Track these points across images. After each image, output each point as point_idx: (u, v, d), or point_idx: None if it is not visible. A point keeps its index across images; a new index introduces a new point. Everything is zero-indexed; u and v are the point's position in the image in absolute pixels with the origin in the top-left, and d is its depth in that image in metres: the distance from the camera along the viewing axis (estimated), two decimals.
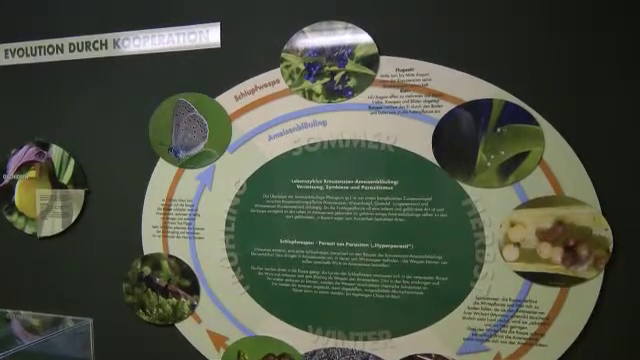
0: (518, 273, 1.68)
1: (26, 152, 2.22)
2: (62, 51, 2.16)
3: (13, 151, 2.23)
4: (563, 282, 1.64)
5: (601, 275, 1.61)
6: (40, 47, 2.19)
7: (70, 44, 2.15)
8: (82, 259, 2.17)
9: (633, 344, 1.62)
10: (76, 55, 2.14)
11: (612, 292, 1.61)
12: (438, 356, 1.77)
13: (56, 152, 2.17)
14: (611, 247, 1.59)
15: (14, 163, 2.23)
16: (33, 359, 1.45)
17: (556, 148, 1.63)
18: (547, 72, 1.65)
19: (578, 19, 1.63)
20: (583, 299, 1.63)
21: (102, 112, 2.11)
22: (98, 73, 2.11)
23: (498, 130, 1.67)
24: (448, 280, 1.74)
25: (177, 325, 2.04)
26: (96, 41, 2.11)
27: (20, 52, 2.22)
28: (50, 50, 2.18)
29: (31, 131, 2.21)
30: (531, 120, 1.64)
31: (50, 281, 2.23)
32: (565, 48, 1.63)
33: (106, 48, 2.10)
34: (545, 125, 1.63)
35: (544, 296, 1.66)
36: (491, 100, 1.68)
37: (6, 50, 2.24)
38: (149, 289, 2.06)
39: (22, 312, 1.63)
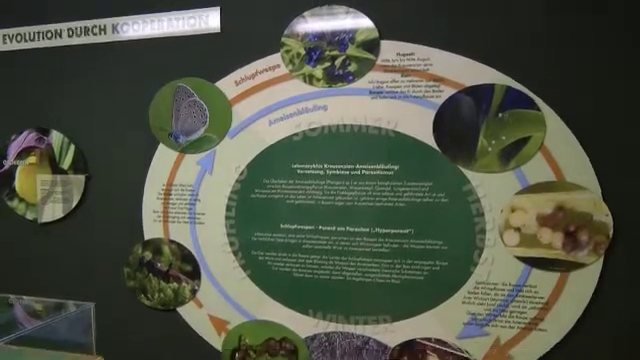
0: (518, 258, 1.68)
1: (26, 138, 2.22)
2: (61, 36, 2.15)
3: (13, 137, 2.23)
4: (563, 267, 1.64)
5: (601, 260, 1.62)
6: (39, 32, 2.18)
7: (69, 29, 2.14)
8: (83, 244, 2.18)
9: (632, 329, 1.63)
10: (75, 40, 2.14)
11: (612, 277, 1.62)
12: (438, 340, 1.78)
13: (56, 138, 2.17)
14: (611, 233, 1.59)
15: (14, 149, 2.23)
16: (36, 343, 1.45)
17: (557, 133, 1.63)
18: (549, 57, 1.64)
19: (578, 3, 1.62)
20: (583, 284, 1.63)
21: (102, 98, 2.11)
22: (97, 58, 2.11)
23: (499, 115, 1.67)
24: (448, 265, 1.75)
25: (178, 310, 2.05)
26: (95, 26, 2.10)
27: (18, 37, 2.21)
28: (49, 35, 2.17)
29: (31, 117, 2.21)
30: (532, 105, 1.64)
31: (51, 266, 2.23)
32: (566, 33, 1.63)
33: (105, 33, 2.09)
34: (546, 110, 1.63)
35: (544, 281, 1.67)
36: (493, 85, 1.68)
37: (4, 35, 2.23)
38: (150, 274, 2.06)
39: (25, 297, 1.63)
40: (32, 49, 2.19)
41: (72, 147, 2.14)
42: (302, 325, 1.91)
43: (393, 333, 1.82)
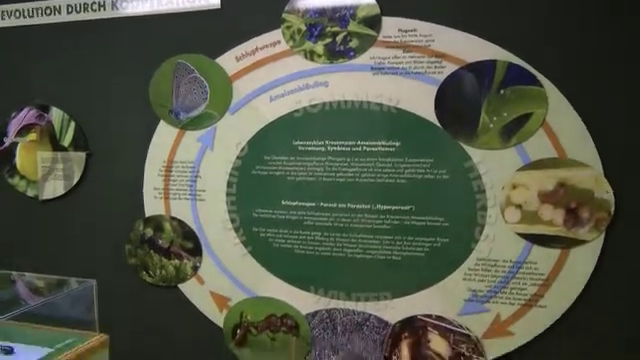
0: (519, 235, 1.68)
1: (26, 115, 2.21)
2: (60, 12, 2.14)
3: (13, 114, 2.22)
4: (564, 244, 1.64)
5: (602, 237, 1.61)
6: (37, 9, 2.16)
7: (68, 5, 2.12)
8: (84, 221, 2.18)
9: (632, 306, 1.63)
10: (74, 17, 2.12)
11: (612, 254, 1.62)
12: (439, 317, 1.78)
13: (56, 115, 2.16)
14: (613, 209, 1.59)
15: (14, 126, 2.23)
16: (38, 320, 1.46)
17: (559, 110, 1.62)
18: (551, 33, 1.63)
19: None
20: (583, 261, 1.64)
21: (102, 74, 2.10)
22: (97, 35, 2.09)
23: (501, 92, 1.66)
24: (449, 241, 1.75)
25: (180, 286, 2.06)
26: (94, 2, 2.09)
27: (17, 14, 2.20)
28: (47, 12, 2.15)
29: (30, 94, 2.20)
30: (535, 81, 1.63)
31: (53, 243, 2.24)
32: (569, 9, 1.61)
33: (104, 9, 2.08)
34: (549, 86, 1.62)
35: (544, 258, 1.67)
36: (495, 61, 1.67)
37: (3, 12, 2.21)
38: (152, 251, 2.07)
39: (26, 274, 1.63)
40: (31, 25, 2.18)
41: (72, 124, 2.14)
42: (303, 302, 1.92)
43: (394, 310, 1.83)
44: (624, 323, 1.64)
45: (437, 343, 1.79)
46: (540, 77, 1.62)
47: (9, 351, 1.35)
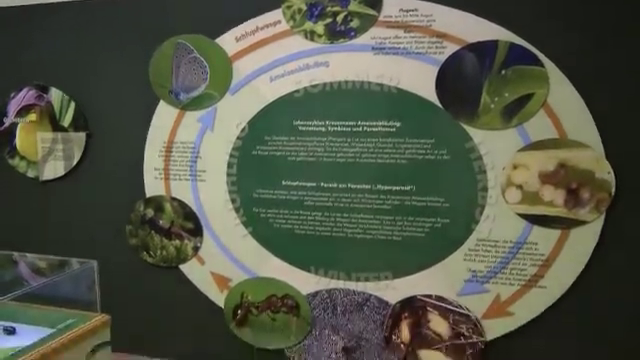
0: (520, 215, 1.68)
1: (25, 95, 2.20)
2: None
3: (12, 94, 2.22)
4: (564, 224, 1.64)
5: (602, 218, 1.62)
6: None
7: None
8: (85, 202, 2.18)
9: (632, 286, 1.64)
10: None
11: (612, 235, 1.62)
12: (439, 297, 1.79)
13: (56, 95, 2.15)
14: (613, 190, 1.59)
15: (14, 106, 2.22)
16: (40, 301, 1.47)
17: (561, 90, 1.61)
18: (553, 13, 1.62)
19: None
20: (583, 241, 1.64)
21: (101, 55, 2.09)
22: (96, 15, 2.08)
23: (503, 72, 1.65)
24: (450, 222, 1.75)
25: (181, 267, 2.06)
26: None
27: None
28: None
29: (30, 74, 2.19)
30: (536, 62, 1.62)
31: (53, 224, 2.24)
32: None
33: None
34: (550, 67, 1.61)
35: (545, 238, 1.67)
36: (496, 41, 1.66)
37: None
38: (152, 231, 2.07)
39: (28, 255, 1.64)
40: (31, 5, 2.16)
41: (72, 104, 2.13)
42: (304, 282, 1.92)
43: (394, 290, 1.83)
44: (624, 303, 1.64)
45: (437, 323, 1.80)
46: (542, 57, 1.62)
47: (11, 331, 1.36)
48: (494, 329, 1.74)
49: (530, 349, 1.73)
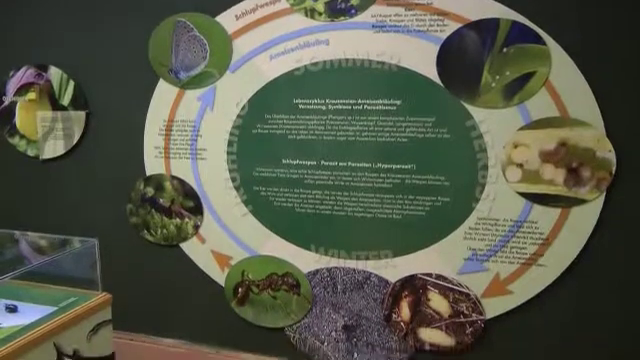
0: (520, 194, 1.68)
1: (24, 74, 2.20)
2: None
3: (11, 73, 2.21)
4: (564, 203, 1.64)
5: (602, 197, 1.61)
6: None
7: None
8: (85, 180, 2.18)
9: (632, 265, 1.64)
10: None
11: (613, 214, 1.62)
12: (439, 276, 1.80)
13: (55, 73, 2.14)
14: (614, 169, 1.58)
15: (13, 85, 2.21)
16: (42, 279, 1.47)
17: (563, 69, 1.60)
18: None
19: None
20: (583, 220, 1.64)
21: (100, 33, 2.08)
22: None
23: (504, 50, 1.64)
24: (450, 201, 1.75)
25: (181, 245, 2.07)
26: None
27: None
28: None
29: (28, 53, 2.18)
30: (538, 40, 1.61)
31: (54, 203, 2.25)
32: None
33: None
34: (552, 45, 1.60)
35: (545, 217, 1.67)
36: (498, 19, 1.64)
37: None
38: (153, 210, 2.08)
39: (29, 233, 1.64)
40: None
41: (71, 83, 2.12)
42: (304, 260, 1.93)
43: (394, 268, 1.84)
44: (623, 282, 1.65)
45: (437, 302, 1.80)
46: (543, 35, 1.60)
47: (13, 309, 1.37)
48: (494, 307, 1.75)
49: (529, 327, 1.74)
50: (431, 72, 1.71)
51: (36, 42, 2.17)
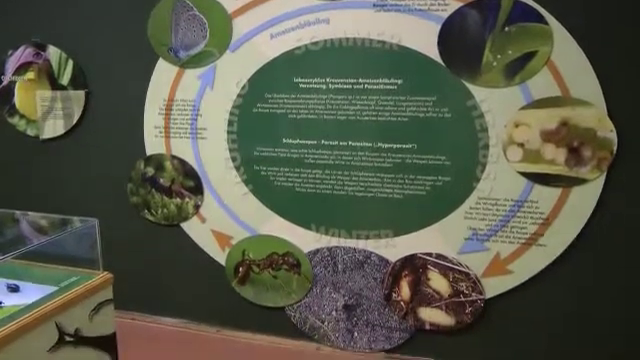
0: (521, 173, 1.68)
1: (23, 53, 2.18)
2: None
3: (10, 52, 2.20)
4: (565, 183, 1.64)
5: (603, 176, 1.61)
6: None
7: None
8: (85, 160, 2.18)
9: (630, 246, 1.64)
10: None
11: (613, 193, 1.62)
12: (439, 255, 1.80)
13: (54, 53, 2.13)
14: (615, 149, 1.58)
15: (12, 64, 2.20)
16: (42, 259, 1.47)
17: (565, 48, 1.59)
18: None
19: None
20: (584, 200, 1.64)
21: (99, 12, 2.06)
22: None
23: (506, 29, 1.63)
24: (451, 180, 1.75)
25: (182, 225, 2.07)
26: None
27: None
28: None
29: (26, 32, 2.17)
30: (540, 19, 1.60)
31: (54, 182, 2.24)
32: None
33: None
34: (554, 24, 1.59)
35: (545, 196, 1.67)
36: None
37: None
38: (153, 189, 2.07)
39: (30, 213, 1.64)
40: None
41: (70, 62, 2.11)
42: (305, 240, 1.94)
43: (394, 248, 1.84)
44: (623, 262, 1.65)
45: (437, 281, 1.81)
46: (546, 15, 1.59)
47: (15, 289, 1.37)
48: (493, 287, 1.76)
49: (529, 307, 1.75)
50: (432, 51, 1.70)
51: (34, 21, 2.15)
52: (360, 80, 1.77)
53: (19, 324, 1.17)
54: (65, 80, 2.13)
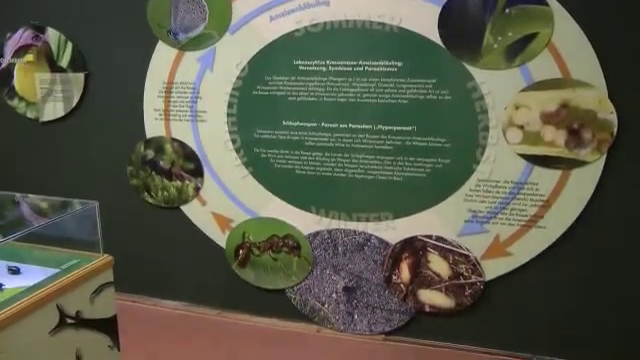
0: (521, 155, 1.68)
1: (22, 35, 2.18)
2: None
3: (8, 35, 2.19)
4: (565, 165, 1.64)
5: (603, 158, 1.61)
6: None
7: None
8: (85, 143, 2.18)
9: (630, 227, 1.65)
10: None
11: (613, 175, 1.62)
12: (439, 237, 1.80)
13: (53, 35, 2.12)
14: (615, 130, 1.58)
15: (11, 47, 2.20)
16: (43, 241, 1.47)
17: (566, 29, 1.58)
18: None
19: None
20: (584, 182, 1.64)
21: None
22: None
23: (506, 11, 1.62)
24: (451, 162, 1.75)
25: (182, 207, 2.08)
26: None
27: None
28: None
29: (26, 14, 2.16)
30: (541, 1, 1.59)
31: (54, 165, 2.25)
32: None
33: None
34: (555, 6, 1.58)
35: (545, 179, 1.67)
36: None
37: None
38: (153, 172, 2.07)
39: (30, 195, 1.64)
40: None
41: (69, 45, 2.11)
42: (305, 222, 1.94)
43: (394, 230, 1.85)
44: (622, 244, 1.66)
45: (437, 263, 1.81)
46: None
47: (16, 271, 1.37)
48: (493, 269, 1.77)
49: (528, 289, 1.75)
50: (432, 33, 1.70)
51: (33, 3, 2.14)
52: (360, 62, 1.77)
53: (20, 306, 1.17)
54: (64, 62, 2.13)
